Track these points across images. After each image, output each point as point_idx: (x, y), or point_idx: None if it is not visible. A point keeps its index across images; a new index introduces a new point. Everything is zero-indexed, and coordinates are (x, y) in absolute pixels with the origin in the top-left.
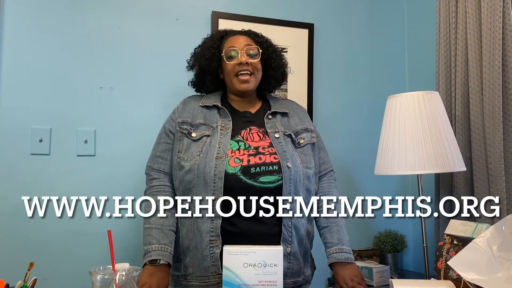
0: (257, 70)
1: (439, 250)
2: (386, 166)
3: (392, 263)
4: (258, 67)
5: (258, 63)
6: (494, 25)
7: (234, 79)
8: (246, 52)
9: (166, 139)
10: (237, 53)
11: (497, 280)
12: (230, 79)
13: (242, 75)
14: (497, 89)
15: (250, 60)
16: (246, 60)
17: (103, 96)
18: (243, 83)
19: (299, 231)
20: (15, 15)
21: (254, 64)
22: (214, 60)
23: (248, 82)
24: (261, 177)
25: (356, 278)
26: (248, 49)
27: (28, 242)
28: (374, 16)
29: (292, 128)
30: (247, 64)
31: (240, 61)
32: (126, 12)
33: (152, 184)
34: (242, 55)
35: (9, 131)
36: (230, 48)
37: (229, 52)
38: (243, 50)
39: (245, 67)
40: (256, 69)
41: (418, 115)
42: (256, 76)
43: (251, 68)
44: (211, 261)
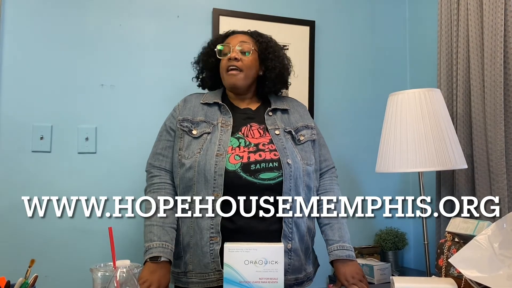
0: (248, 68)
1: (440, 248)
2: (387, 164)
3: (393, 260)
4: (248, 65)
5: (249, 61)
6: (496, 22)
7: (224, 74)
8: (238, 49)
9: (167, 136)
10: (229, 49)
11: (499, 277)
12: (223, 76)
13: (231, 70)
14: (498, 86)
15: (242, 56)
16: (235, 56)
17: (104, 94)
18: (231, 77)
19: (300, 228)
20: (16, 13)
21: (245, 61)
22: (211, 55)
23: (236, 77)
24: (261, 174)
25: (357, 275)
26: (240, 46)
27: (29, 239)
28: (376, 13)
29: (292, 125)
30: (236, 59)
31: (229, 57)
32: (127, 10)
33: (152, 181)
34: (233, 51)
35: (10, 128)
36: (224, 44)
37: (223, 48)
38: (235, 46)
39: (234, 62)
40: (246, 67)
41: (419, 113)
42: (246, 74)
43: (239, 64)
44: (211, 257)
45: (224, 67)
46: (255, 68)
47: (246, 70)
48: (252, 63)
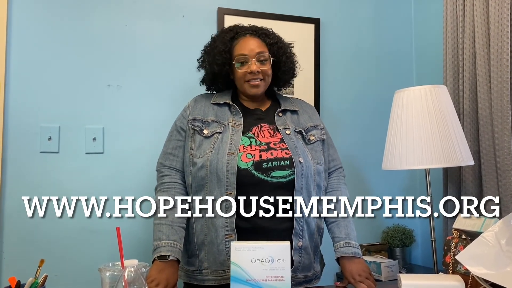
0: (268, 76)
1: (447, 245)
2: (393, 161)
3: (400, 257)
4: (268, 73)
5: (268, 69)
6: (502, 18)
7: (244, 84)
8: (257, 59)
9: (178, 136)
10: (248, 61)
11: (506, 274)
12: (241, 84)
13: (253, 81)
14: (505, 82)
15: (261, 67)
16: (257, 69)
17: (111, 94)
18: (254, 88)
19: (310, 226)
20: (22, 14)
21: (265, 71)
22: (225, 64)
23: (258, 87)
24: (273, 172)
25: (364, 273)
26: (259, 57)
27: (39, 239)
28: (381, 10)
29: (302, 125)
30: (258, 72)
31: (251, 70)
32: (132, 10)
33: (163, 180)
34: (253, 63)
35: (18, 129)
36: (241, 55)
37: (240, 59)
38: (254, 58)
39: (256, 75)
40: (266, 75)
41: (425, 110)
42: (266, 81)
43: (261, 76)
44: (227, 255)
45: (244, 78)
46: (271, 73)
47: (266, 78)
48: (270, 70)
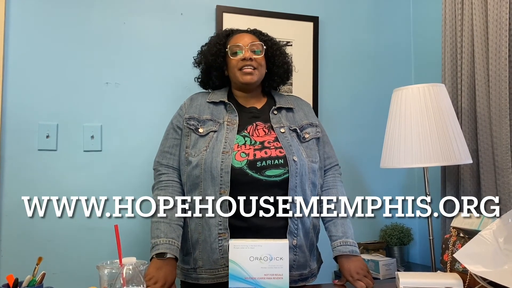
0: (261, 66)
1: (445, 243)
2: (392, 159)
3: (398, 256)
4: (261, 63)
5: (261, 59)
6: (500, 16)
7: (237, 73)
8: (250, 49)
9: (174, 134)
10: (241, 50)
11: (503, 272)
12: (234, 73)
13: (246, 68)
14: (503, 80)
15: (254, 56)
16: (250, 56)
17: (109, 92)
18: (247, 75)
19: (305, 224)
20: (20, 12)
21: (258, 60)
22: (219, 55)
23: (252, 75)
24: (267, 171)
25: (362, 271)
26: (252, 46)
27: (37, 237)
28: (380, 8)
29: (297, 123)
30: (250, 59)
31: (244, 57)
32: (131, 8)
33: (160, 179)
34: (246, 51)
35: (16, 127)
36: (235, 44)
37: (234, 48)
38: (247, 46)
39: (249, 62)
40: (259, 65)
41: (424, 108)
42: (260, 71)
43: (254, 64)
44: (220, 253)
45: (237, 66)
46: (265, 66)
47: (260, 68)
48: (263, 61)
